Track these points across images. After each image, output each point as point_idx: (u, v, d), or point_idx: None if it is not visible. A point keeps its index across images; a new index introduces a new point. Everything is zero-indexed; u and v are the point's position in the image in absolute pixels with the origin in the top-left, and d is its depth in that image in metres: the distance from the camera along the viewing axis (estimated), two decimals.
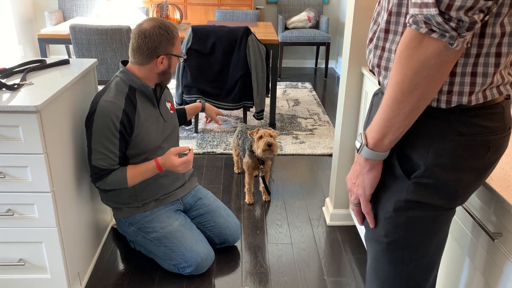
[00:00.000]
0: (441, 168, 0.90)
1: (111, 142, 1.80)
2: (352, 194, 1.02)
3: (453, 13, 0.73)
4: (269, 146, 2.35)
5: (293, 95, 4.65)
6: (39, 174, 1.59)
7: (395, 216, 0.96)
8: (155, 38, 1.79)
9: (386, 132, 0.87)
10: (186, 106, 2.35)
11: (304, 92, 4.76)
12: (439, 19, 0.73)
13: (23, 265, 1.74)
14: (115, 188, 1.88)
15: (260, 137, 2.40)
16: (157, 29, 1.80)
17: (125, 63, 1.92)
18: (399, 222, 0.96)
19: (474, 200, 1.17)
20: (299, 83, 5.10)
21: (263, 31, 3.94)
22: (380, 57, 0.95)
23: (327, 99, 4.59)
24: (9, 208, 1.65)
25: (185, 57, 1.87)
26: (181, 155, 2.06)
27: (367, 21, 2.06)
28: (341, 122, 2.28)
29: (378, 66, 0.97)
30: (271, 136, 2.41)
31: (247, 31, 3.28)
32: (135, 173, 1.86)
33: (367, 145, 0.91)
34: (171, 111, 2.09)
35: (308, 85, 5.03)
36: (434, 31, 0.75)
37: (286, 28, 5.37)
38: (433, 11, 0.73)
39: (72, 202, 1.83)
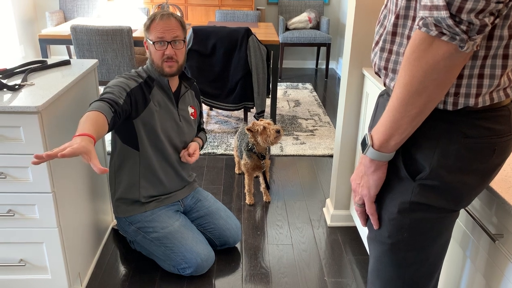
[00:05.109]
0: (446, 170, 0.90)
1: (121, 88, 1.79)
2: (356, 195, 1.01)
3: (464, 16, 0.72)
4: (278, 132, 2.44)
5: (293, 96, 4.65)
6: (40, 175, 1.59)
7: (399, 217, 0.96)
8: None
9: (392, 134, 0.87)
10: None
11: (304, 93, 4.76)
12: (450, 21, 0.73)
13: (24, 265, 1.75)
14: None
15: (264, 128, 2.45)
16: None
17: None
18: (403, 223, 0.96)
19: (475, 201, 1.17)
20: (300, 84, 5.10)
21: (264, 32, 3.94)
22: (387, 60, 0.95)
23: (328, 100, 4.59)
24: (10, 209, 1.65)
25: (152, 42, 1.86)
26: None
27: (367, 22, 2.06)
28: (342, 123, 2.27)
29: (385, 68, 0.96)
30: (268, 124, 2.50)
31: (247, 32, 3.28)
32: (85, 117, 1.54)
33: (372, 146, 0.91)
34: (192, 117, 2.11)
35: (308, 86, 5.03)
36: (444, 34, 0.75)
37: (286, 29, 5.37)
38: (444, 13, 0.73)
39: (73, 203, 1.83)
